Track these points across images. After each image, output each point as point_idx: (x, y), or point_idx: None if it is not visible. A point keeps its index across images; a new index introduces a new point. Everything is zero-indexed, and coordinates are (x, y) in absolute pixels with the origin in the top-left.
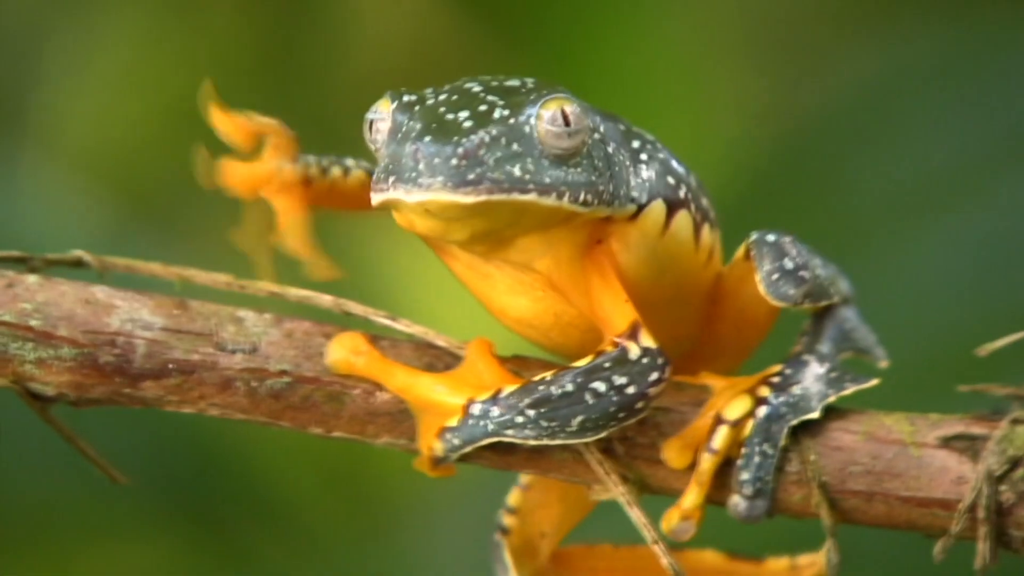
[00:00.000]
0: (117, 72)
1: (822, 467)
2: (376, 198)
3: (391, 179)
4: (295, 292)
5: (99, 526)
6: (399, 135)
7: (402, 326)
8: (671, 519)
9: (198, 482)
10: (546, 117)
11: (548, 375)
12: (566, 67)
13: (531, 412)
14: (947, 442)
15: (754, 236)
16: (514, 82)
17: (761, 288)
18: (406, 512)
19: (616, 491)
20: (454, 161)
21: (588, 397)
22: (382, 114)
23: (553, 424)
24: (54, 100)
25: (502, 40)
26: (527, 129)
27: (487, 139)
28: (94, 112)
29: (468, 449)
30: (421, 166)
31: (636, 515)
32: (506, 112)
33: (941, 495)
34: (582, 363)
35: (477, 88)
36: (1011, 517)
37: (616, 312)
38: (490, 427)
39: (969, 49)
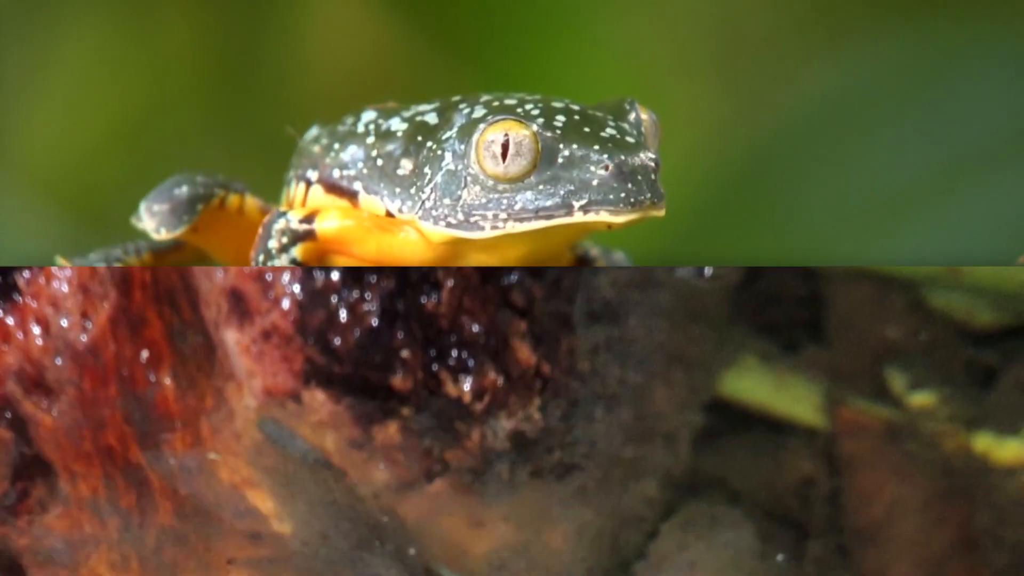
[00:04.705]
0: (70, 88)
1: None
2: (540, 223)
3: (586, 202)
4: None
5: None
6: (563, 158)
7: None
8: None
9: None
10: (647, 121)
11: None
12: (516, 77)
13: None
14: None
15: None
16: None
17: None
18: None
19: None
20: (653, 176)
21: None
22: (520, 137)
23: None
24: (6, 117)
25: (451, 53)
26: (643, 139)
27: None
28: (47, 128)
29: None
30: (631, 186)
31: None
32: (626, 124)
33: None
34: None
35: (572, 104)
36: None
37: None
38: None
39: (926, 66)
